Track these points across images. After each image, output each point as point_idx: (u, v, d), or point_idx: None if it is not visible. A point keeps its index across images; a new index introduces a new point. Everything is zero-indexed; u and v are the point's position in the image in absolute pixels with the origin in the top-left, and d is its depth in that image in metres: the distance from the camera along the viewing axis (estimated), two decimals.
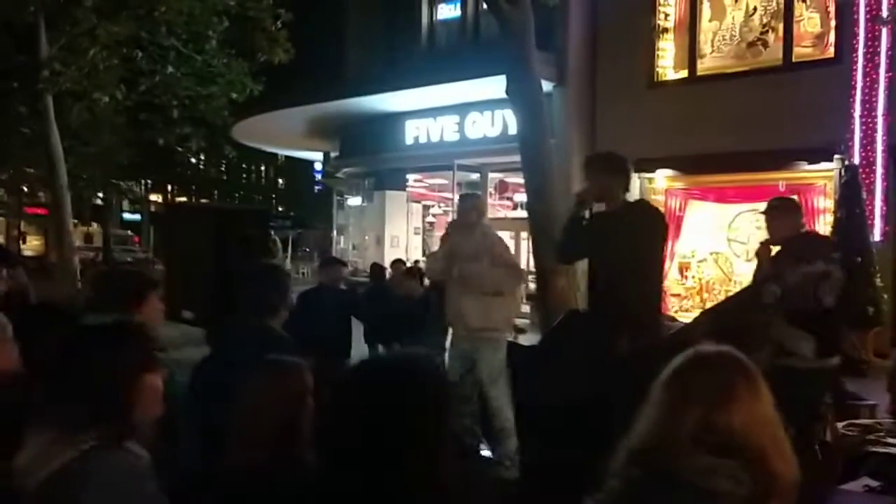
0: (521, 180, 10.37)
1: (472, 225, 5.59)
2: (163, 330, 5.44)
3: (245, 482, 2.37)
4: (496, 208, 17.09)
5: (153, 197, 43.31)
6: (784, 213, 4.82)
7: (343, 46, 19.66)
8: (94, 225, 35.87)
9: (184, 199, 41.50)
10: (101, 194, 31.78)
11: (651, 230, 4.71)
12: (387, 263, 12.94)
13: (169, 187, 42.24)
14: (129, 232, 36.77)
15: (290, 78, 17.47)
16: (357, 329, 7.60)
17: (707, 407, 1.69)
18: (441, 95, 15.13)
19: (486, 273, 5.42)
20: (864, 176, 10.85)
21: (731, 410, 1.69)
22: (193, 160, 31.64)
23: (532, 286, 10.47)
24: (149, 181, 35.88)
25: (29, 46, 13.99)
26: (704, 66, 13.43)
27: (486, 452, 5.75)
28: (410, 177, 18.83)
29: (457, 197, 17.42)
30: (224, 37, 15.54)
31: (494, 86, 10.41)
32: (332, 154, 20.90)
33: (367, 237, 19.58)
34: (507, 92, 9.19)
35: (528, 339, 6.19)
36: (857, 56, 11.31)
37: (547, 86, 13.11)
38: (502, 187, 17.62)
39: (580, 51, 14.01)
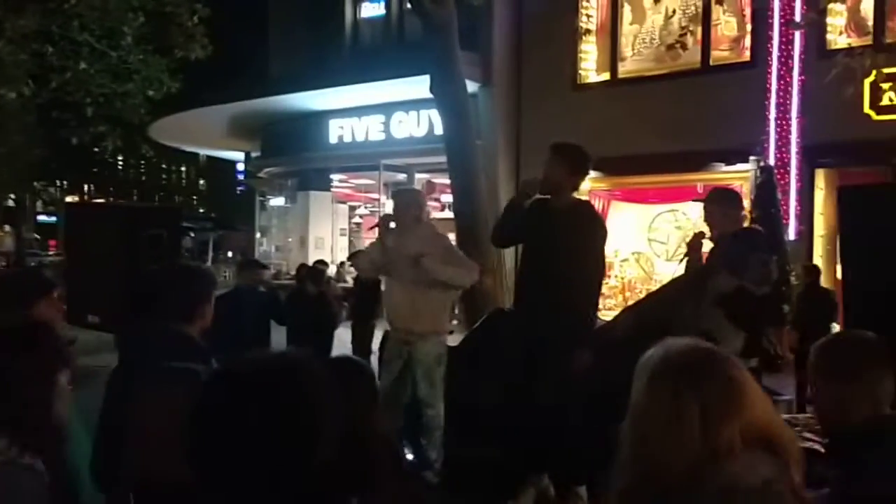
0: (448, 181, 10.36)
1: (412, 221, 5.42)
2: (72, 335, 5.23)
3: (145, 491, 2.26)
4: None
5: (69, 198, 41.95)
6: (725, 204, 4.77)
7: (265, 44, 19.35)
8: (7, 227, 34.59)
9: (101, 200, 40.30)
10: (12, 196, 30.62)
11: (596, 233, 4.70)
12: (310, 265, 12.79)
13: (86, 188, 41.01)
14: (36, 236, 35.53)
15: (210, 75, 17.10)
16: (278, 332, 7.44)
17: (743, 411, 1.66)
18: (366, 95, 15.00)
19: (449, 270, 5.28)
20: (778, 177, 11.15)
21: (753, 407, 1.67)
22: (111, 160, 30.74)
23: None
24: (64, 182, 34.74)
25: None
26: (626, 68, 13.63)
27: (409, 456, 5.66)
28: (335, 177, 18.61)
29: (384, 198, 17.38)
30: (140, 32, 15.09)
31: (420, 85, 10.36)
32: (254, 154, 20.54)
33: (290, 239, 19.30)
34: (431, 91, 9.15)
35: (454, 340, 6.09)
36: (771, 60, 11.63)
37: (472, 86, 13.09)
38: (430, 188, 17.54)
39: (505, 51, 14.07)
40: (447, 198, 16.13)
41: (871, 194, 5.30)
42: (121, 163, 35.20)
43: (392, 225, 5.51)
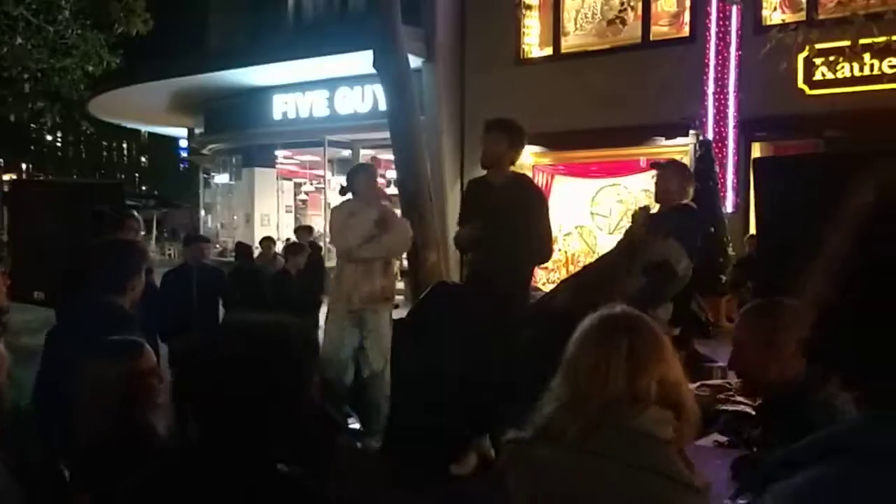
0: (392, 157, 10.42)
1: (371, 197, 5.59)
2: (16, 314, 5.20)
3: (88, 460, 2.35)
4: None
5: (7, 176, 40.84)
6: (672, 175, 4.85)
7: (205, 18, 19.03)
8: None
9: (40, 177, 39.35)
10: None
11: (535, 204, 4.83)
12: (256, 242, 12.71)
13: (24, 166, 39.98)
14: None
15: (151, 50, 16.79)
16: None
17: (661, 366, 1.88)
18: (309, 70, 14.89)
19: (396, 242, 5.47)
20: (717, 150, 11.44)
21: (669, 367, 1.89)
22: (49, 137, 30.05)
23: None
24: (1, 160, 33.86)
25: None
26: (568, 43, 13.76)
27: (355, 425, 5.78)
28: (280, 154, 18.48)
29: (329, 174, 17.33)
30: (78, 7, 14.77)
31: (363, 60, 10.33)
32: (198, 130, 20.26)
33: (235, 216, 19.14)
34: (374, 66, 9.16)
35: (399, 313, 6.23)
36: (709, 35, 11.87)
37: (416, 61, 13.10)
38: (375, 164, 17.52)
39: (448, 26, 14.08)
40: (392, 173, 16.17)
41: (781, 164, 5.50)
42: (60, 140, 34.37)
43: (347, 197, 5.65)
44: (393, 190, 10.66)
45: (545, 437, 1.88)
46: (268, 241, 10.12)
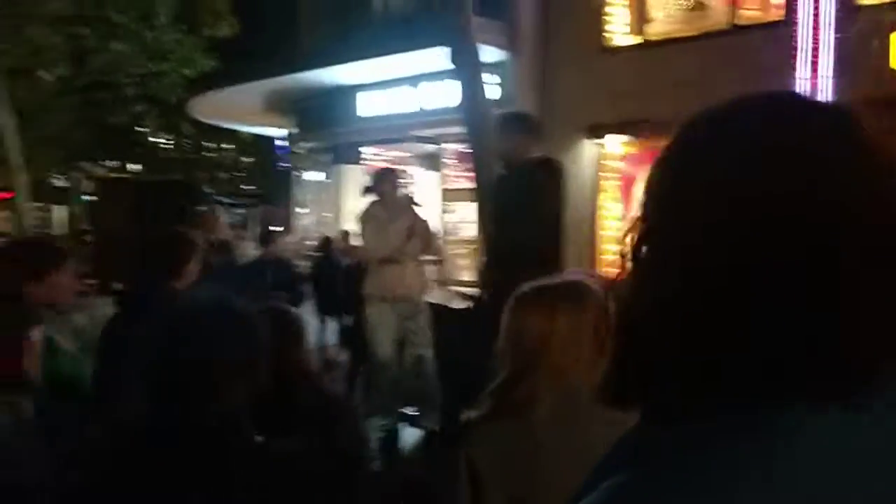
0: None
1: (397, 200, 5.83)
2: (104, 308, 5.47)
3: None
4: (456, 179, 17.09)
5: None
6: None
7: (295, 19, 19.46)
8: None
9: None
10: (62, 176, 31.39)
11: (539, 189, 4.82)
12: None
13: (130, 167, 41.66)
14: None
15: (244, 53, 17.32)
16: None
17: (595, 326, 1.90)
18: (394, 66, 15.05)
19: (422, 246, 5.68)
20: None
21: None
22: (152, 139, 31.33)
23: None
24: (109, 162, 35.43)
25: None
26: (654, 30, 13.48)
27: (413, 411, 5.91)
28: (369, 150, 18.73)
29: (415, 169, 17.48)
30: (174, 13, 15.39)
31: (447, 55, 10.41)
32: (291, 130, 20.77)
33: (326, 213, 19.54)
34: (452, 61, 9.23)
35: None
36: (802, 17, 11.40)
37: (499, 54, 13.14)
38: (461, 158, 17.59)
39: (531, 17, 14.00)
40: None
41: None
42: (163, 142, 35.80)
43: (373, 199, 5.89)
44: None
45: (508, 412, 1.86)
46: (345, 234, 10.31)
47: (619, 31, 13.77)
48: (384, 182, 5.89)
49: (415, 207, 6.12)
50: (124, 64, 15.43)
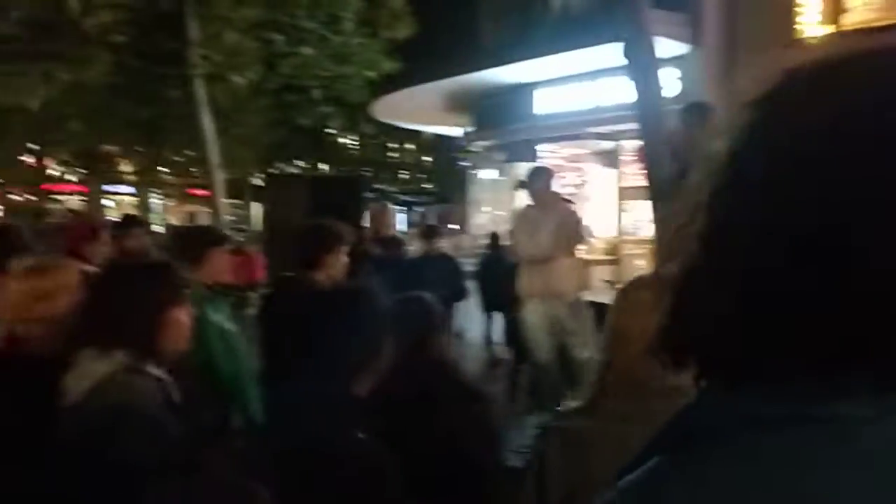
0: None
1: (548, 198, 5.78)
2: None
3: None
4: (633, 177, 16.68)
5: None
6: None
7: (475, 18, 19.66)
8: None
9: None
10: (259, 175, 33.39)
11: None
12: None
13: (320, 166, 43.64)
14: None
15: (425, 53, 17.71)
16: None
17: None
18: (571, 62, 14.89)
19: (569, 244, 5.61)
20: None
21: None
22: (340, 139, 32.70)
23: None
24: (300, 162, 37.36)
25: (178, 33, 14.84)
26: (850, 20, 12.54)
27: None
28: (545, 148, 18.62)
29: (592, 167, 17.22)
30: (361, 17, 15.97)
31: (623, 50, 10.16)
32: (468, 129, 21.03)
33: (500, 211, 19.63)
34: (625, 55, 8.97)
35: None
36: None
37: (682, 47, 12.73)
38: (639, 155, 17.12)
39: (715, 8, 13.42)
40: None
41: None
42: (349, 142, 37.35)
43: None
44: None
45: (584, 409, 1.81)
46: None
47: (811, 21, 12.91)
48: (537, 181, 5.87)
49: (566, 206, 6.03)
50: (312, 67, 16.17)
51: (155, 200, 35.55)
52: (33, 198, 28.29)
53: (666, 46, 12.64)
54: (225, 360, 3.25)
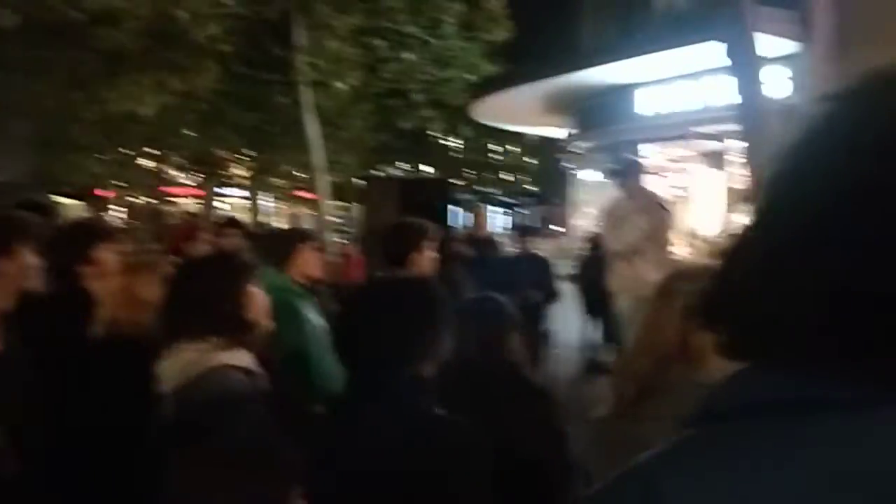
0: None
1: (638, 194, 5.66)
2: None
3: None
4: (742, 178, 16.20)
5: None
6: None
7: (577, 19, 19.54)
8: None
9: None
10: (363, 178, 33.95)
11: None
12: None
13: (423, 169, 44.15)
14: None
15: (526, 55, 17.71)
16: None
17: None
18: (674, 62, 14.60)
19: (658, 243, 5.47)
20: None
21: None
22: (441, 142, 32.99)
23: None
24: (403, 165, 37.85)
25: (284, 41, 15.28)
26: None
27: None
28: (648, 148, 18.31)
29: (698, 168, 16.83)
30: (461, 20, 16.09)
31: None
32: (570, 131, 20.90)
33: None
34: (727, 55, 8.77)
35: None
36: None
37: (793, 45, 12.37)
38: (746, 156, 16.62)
39: (826, 6, 12.91)
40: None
41: None
42: (452, 144, 37.65)
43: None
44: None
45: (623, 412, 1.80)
46: None
47: None
48: (627, 173, 5.72)
49: (655, 202, 5.86)
50: (413, 71, 16.40)
51: (266, 203, 36.68)
52: (153, 200, 29.60)
53: (774, 44, 12.27)
54: (311, 353, 3.40)
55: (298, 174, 25.34)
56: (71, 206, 30.72)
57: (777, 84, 12.45)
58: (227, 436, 2.26)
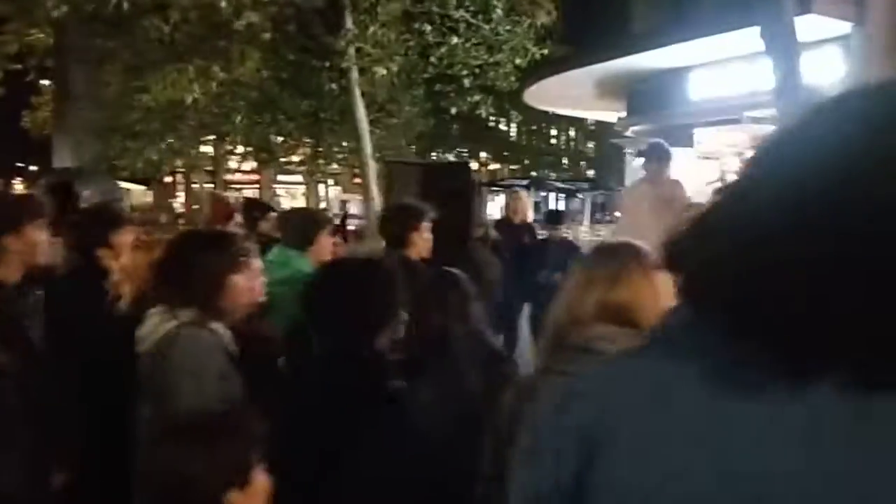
0: None
1: (661, 180, 5.53)
2: None
3: None
4: None
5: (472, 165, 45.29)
6: None
7: (628, 2, 19.25)
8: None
9: (497, 166, 43.26)
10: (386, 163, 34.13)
11: None
12: None
13: (483, 155, 44.20)
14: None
15: (576, 38, 17.56)
16: None
17: (606, 287, 2.03)
18: (728, 45, 14.29)
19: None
20: None
21: (624, 289, 2.03)
22: (496, 126, 32.94)
23: None
24: (458, 150, 37.95)
25: (334, 27, 15.44)
26: None
27: None
28: (703, 132, 17.99)
29: (745, 153, 16.46)
30: (509, 5, 16.04)
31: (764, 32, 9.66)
32: (622, 115, 20.63)
33: None
34: (761, 36, 8.59)
35: None
36: None
37: (845, 26, 12.02)
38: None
39: None
40: None
41: None
42: (504, 128, 37.59)
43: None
44: None
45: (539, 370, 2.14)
46: None
47: None
48: (650, 158, 5.59)
49: (678, 188, 5.71)
50: (463, 56, 16.41)
51: (322, 189, 37.17)
52: (212, 186, 30.28)
53: (828, 25, 11.96)
54: None
55: (344, 158, 25.65)
56: (135, 192, 31.45)
57: (829, 67, 12.14)
58: (185, 400, 2.41)
